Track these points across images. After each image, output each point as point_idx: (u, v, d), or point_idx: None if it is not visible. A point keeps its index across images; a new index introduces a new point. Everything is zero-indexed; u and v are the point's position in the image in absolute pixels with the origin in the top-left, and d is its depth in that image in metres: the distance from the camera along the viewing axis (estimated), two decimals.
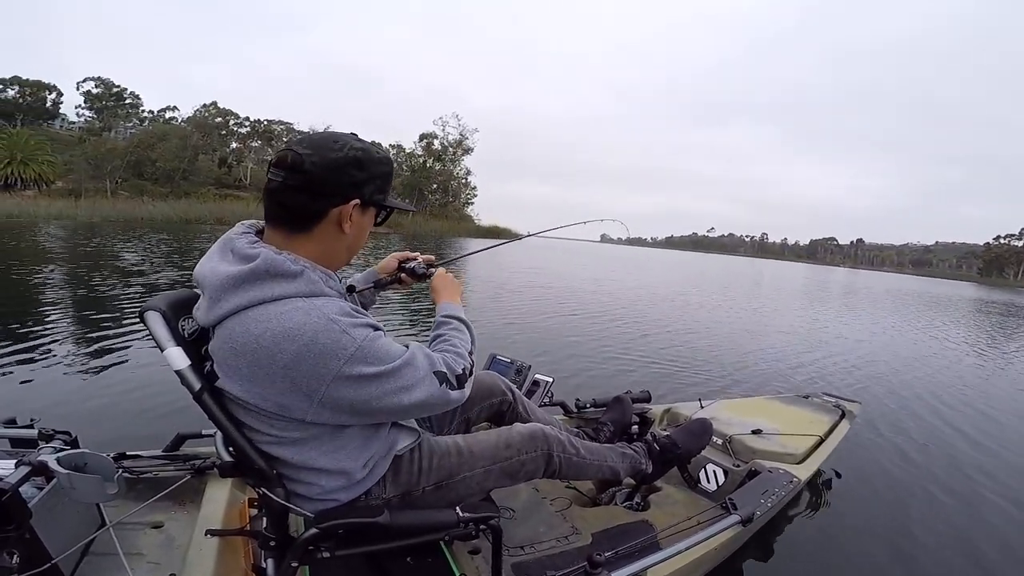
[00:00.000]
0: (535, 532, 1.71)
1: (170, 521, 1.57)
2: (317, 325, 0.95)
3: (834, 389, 4.23)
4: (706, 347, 6.52)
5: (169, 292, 1.18)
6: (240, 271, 0.99)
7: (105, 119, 52.75)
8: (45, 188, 36.25)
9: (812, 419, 2.69)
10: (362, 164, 1.04)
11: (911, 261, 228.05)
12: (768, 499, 1.86)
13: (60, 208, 28.96)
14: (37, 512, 1.17)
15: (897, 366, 6.58)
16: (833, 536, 2.41)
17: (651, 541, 1.62)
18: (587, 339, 6.24)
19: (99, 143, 44.11)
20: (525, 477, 1.45)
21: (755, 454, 2.23)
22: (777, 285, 24.19)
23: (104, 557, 1.37)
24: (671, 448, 1.86)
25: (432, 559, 1.37)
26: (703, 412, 2.58)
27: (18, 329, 4.50)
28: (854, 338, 8.72)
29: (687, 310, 10.30)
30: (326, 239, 1.06)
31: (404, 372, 1.03)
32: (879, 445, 3.62)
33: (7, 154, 35.24)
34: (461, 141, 58.76)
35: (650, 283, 16.54)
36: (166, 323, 1.11)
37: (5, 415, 1.55)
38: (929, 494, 2.98)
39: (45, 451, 1.28)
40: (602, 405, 2.47)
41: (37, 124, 51.79)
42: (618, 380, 4.56)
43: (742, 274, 30.69)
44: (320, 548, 1.09)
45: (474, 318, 7.35)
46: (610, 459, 1.67)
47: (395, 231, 42.48)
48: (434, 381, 1.07)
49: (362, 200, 1.05)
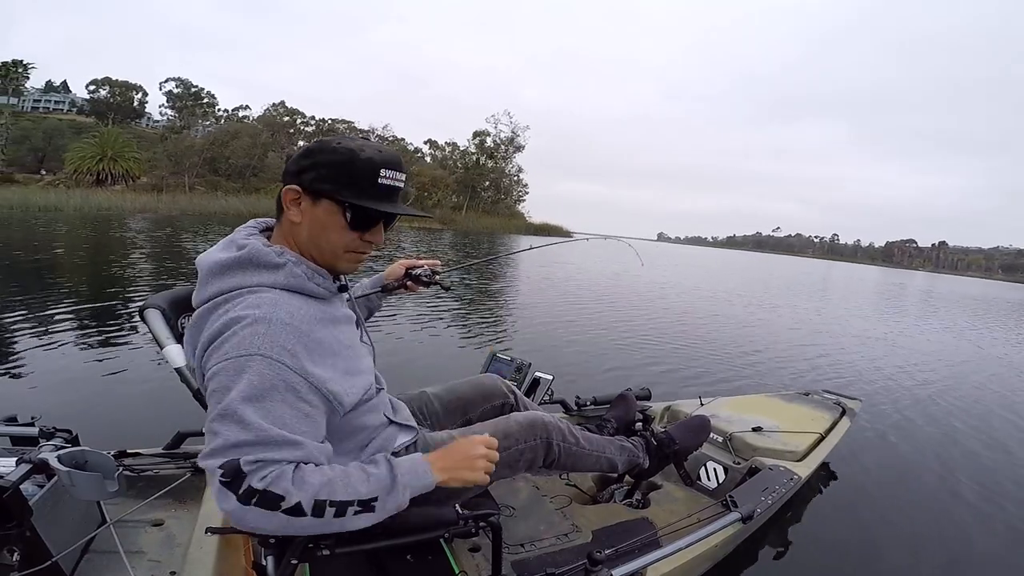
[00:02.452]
0: (535, 530, 1.71)
1: (170, 519, 1.58)
2: (260, 312, 0.94)
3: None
4: (729, 345, 6.52)
5: (169, 290, 1.19)
6: (227, 258, 1.02)
7: (184, 118, 55.34)
8: (132, 183, 38.66)
9: (812, 416, 2.68)
10: (309, 153, 1.03)
11: (1001, 266, 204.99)
12: (768, 496, 1.86)
13: (144, 202, 31.15)
14: (38, 510, 1.18)
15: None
16: (833, 533, 2.42)
17: (651, 539, 1.62)
18: (587, 336, 6.24)
19: (178, 140, 46.71)
20: (524, 467, 1.43)
21: (755, 451, 2.23)
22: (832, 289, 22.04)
23: (105, 555, 1.37)
24: (668, 444, 1.86)
25: (432, 557, 1.37)
26: (703, 409, 2.58)
27: (20, 325, 4.51)
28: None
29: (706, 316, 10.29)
30: (285, 226, 1.07)
31: (227, 422, 0.87)
32: (880, 442, 3.62)
33: (99, 151, 37.56)
34: (513, 138, 58.09)
35: (668, 279, 16.34)
36: (166, 321, 1.12)
37: (6, 413, 1.55)
38: (930, 492, 2.98)
39: (46, 449, 1.28)
40: (602, 403, 2.47)
41: (125, 123, 55.91)
42: (618, 377, 4.55)
43: (791, 278, 27.20)
44: (320, 545, 1.09)
45: (488, 311, 7.29)
46: (608, 451, 1.67)
47: (448, 227, 42.86)
48: (222, 460, 0.85)
49: (303, 187, 1.03)
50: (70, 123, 52.96)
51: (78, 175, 36.59)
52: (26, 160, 43.93)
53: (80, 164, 36.89)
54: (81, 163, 36.96)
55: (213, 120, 57.75)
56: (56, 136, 45.84)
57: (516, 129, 58.09)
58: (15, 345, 4.02)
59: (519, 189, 62.22)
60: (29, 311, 5.10)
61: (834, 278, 33.01)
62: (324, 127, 56.71)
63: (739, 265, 33.17)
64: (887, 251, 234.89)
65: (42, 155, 44.86)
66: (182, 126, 54.26)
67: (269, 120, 53.84)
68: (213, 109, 58.48)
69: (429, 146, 62.33)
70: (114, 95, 56.49)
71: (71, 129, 48.47)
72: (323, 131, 56.30)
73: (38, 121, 51.41)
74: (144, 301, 1.14)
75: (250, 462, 0.85)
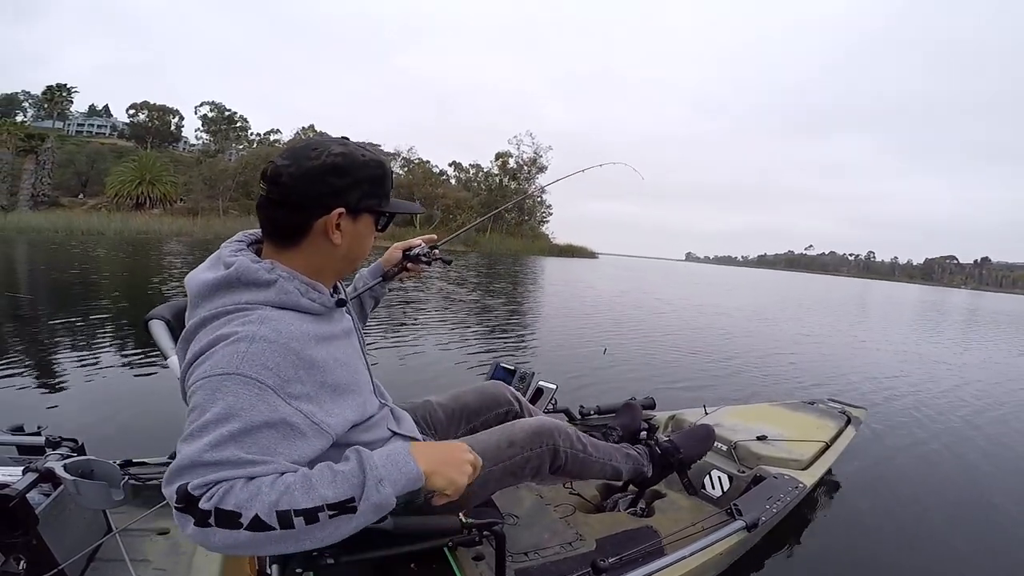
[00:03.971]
0: (539, 538, 1.71)
1: (176, 528, 1.58)
2: (249, 331, 0.89)
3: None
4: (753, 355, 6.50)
5: (173, 301, 1.20)
6: (215, 278, 0.97)
7: (219, 141, 57.47)
8: (169, 207, 40.09)
9: (817, 425, 2.67)
10: (343, 170, 0.98)
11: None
12: (773, 505, 1.86)
13: (180, 225, 32.28)
14: (44, 518, 1.18)
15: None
16: (838, 543, 2.40)
17: (655, 547, 1.62)
18: (590, 346, 6.24)
19: (212, 164, 48.43)
20: (530, 474, 1.40)
21: (760, 460, 2.22)
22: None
23: (110, 563, 1.38)
24: (672, 452, 1.85)
25: (436, 565, 1.37)
26: (708, 418, 2.57)
27: (31, 338, 4.54)
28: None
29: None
30: (317, 252, 1.01)
31: (193, 446, 0.81)
32: (886, 451, 3.60)
33: (138, 175, 39.06)
34: (535, 159, 58.40)
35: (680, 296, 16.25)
36: (170, 332, 1.13)
37: (13, 422, 1.57)
38: (936, 501, 2.95)
39: (52, 458, 1.30)
40: (606, 412, 2.47)
41: (163, 146, 59.63)
42: (622, 387, 4.54)
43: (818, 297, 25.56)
44: (324, 554, 1.10)
45: (493, 323, 7.31)
46: (615, 458, 1.66)
47: (472, 249, 43.01)
48: (176, 484, 0.80)
49: (348, 208, 0.99)
50: (111, 147, 54.95)
51: (118, 199, 38.25)
52: (71, 184, 45.64)
53: (120, 188, 38.56)
54: (121, 187, 38.57)
55: (246, 143, 59.44)
56: (99, 160, 47.94)
57: (539, 150, 58.44)
58: (24, 356, 4.04)
59: (543, 210, 62.48)
60: (39, 324, 5.14)
61: (864, 297, 31.46)
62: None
63: (763, 287, 31.99)
64: (926, 268, 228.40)
65: (85, 179, 46.99)
66: (216, 150, 55.82)
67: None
68: (246, 133, 60.69)
69: (454, 168, 63.08)
70: (152, 119, 59.30)
71: (112, 153, 50.42)
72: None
73: (82, 145, 53.60)
74: (149, 312, 1.15)
75: (197, 485, 0.78)
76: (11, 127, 39.05)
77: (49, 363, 3.94)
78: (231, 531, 0.78)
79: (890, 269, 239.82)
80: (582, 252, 59.34)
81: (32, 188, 37.75)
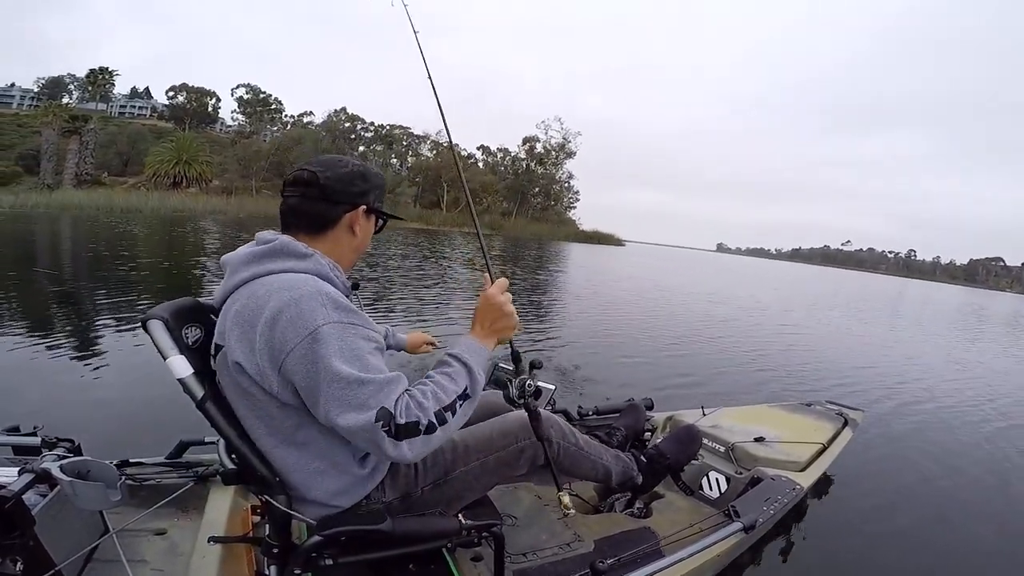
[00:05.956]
0: (537, 539, 1.71)
1: (173, 528, 1.58)
2: (306, 291, 1.04)
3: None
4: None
5: (171, 301, 1.19)
6: (259, 249, 1.14)
7: (254, 123, 58.99)
8: (205, 186, 41.23)
9: (815, 427, 2.68)
10: (365, 177, 1.21)
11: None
12: (771, 507, 1.86)
13: (215, 204, 33.97)
14: (40, 519, 1.18)
15: None
16: (835, 544, 2.41)
17: (653, 548, 1.62)
18: (589, 346, 6.23)
19: (247, 145, 49.99)
20: (525, 465, 1.43)
21: (757, 461, 2.22)
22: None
23: (108, 564, 1.37)
24: (659, 459, 1.86)
25: (435, 566, 1.37)
26: (705, 419, 2.58)
27: (26, 335, 4.51)
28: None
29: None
30: (339, 241, 1.21)
31: (355, 388, 0.99)
32: (883, 453, 3.61)
33: (175, 155, 40.00)
34: (564, 145, 58.18)
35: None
36: (168, 332, 1.12)
37: (8, 422, 1.56)
38: (932, 503, 2.97)
39: (48, 459, 1.29)
40: (605, 413, 2.47)
41: (201, 128, 60.88)
42: (621, 387, 4.54)
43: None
44: (323, 555, 1.10)
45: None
46: (605, 458, 1.67)
47: (497, 233, 43.37)
48: (373, 414, 0.98)
49: (367, 207, 1.22)
50: (151, 128, 57.08)
51: (156, 178, 39.23)
52: (112, 163, 47.44)
53: (158, 167, 39.52)
54: (159, 167, 39.55)
55: (280, 125, 60.76)
56: (139, 140, 50.25)
57: (567, 135, 58.17)
58: (19, 355, 4.03)
59: (569, 196, 62.46)
60: (33, 321, 5.12)
61: (900, 295, 30.38)
62: (382, 132, 59.50)
63: (789, 281, 31.05)
64: (970, 269, 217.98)
65: (127, 158, 48.41)
66: (251, 131, 57.15)
67: (331, 126, 56.90)
68: (280, 115, 61.87)
69: (482, 151, 63.05)
70: (190, 101, 60.74)
71: (152, 133, 52.58)
72: (381, 136, 59.48)
73: (124, 126, 55.78)
74: (146, 312, 1.15)
75: (392, 404, 0.99)
76: (56, 109, 39.98)
77: (49, 356, 3.92)
78: (414, 440, 1.01)
79: (931, 268, 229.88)
80: (609, 239, 59.08)
81: (76, 167, 38.70)
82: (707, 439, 2.32)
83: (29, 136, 44.83)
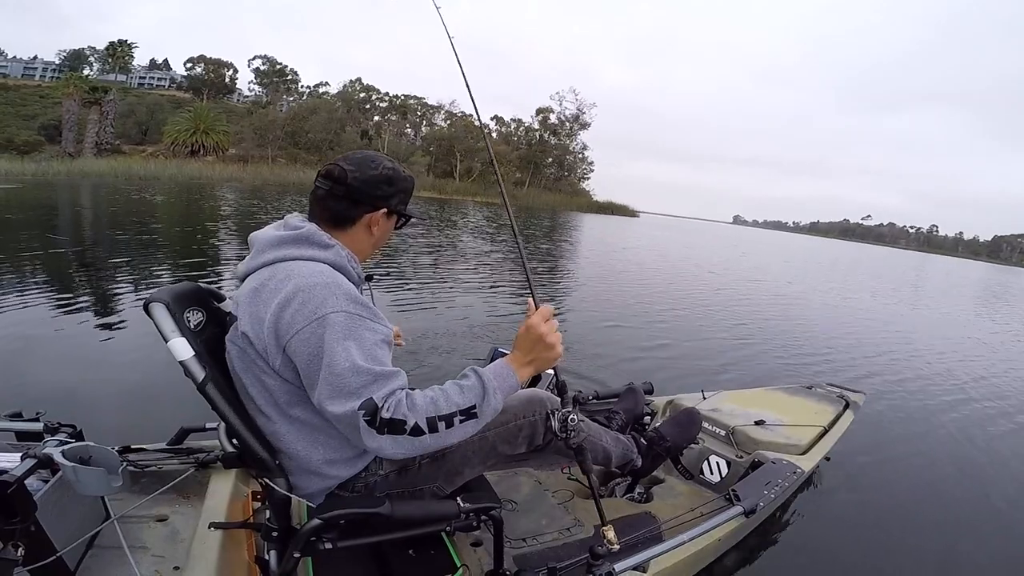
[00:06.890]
0: (537, 524, 1.71)
1: (174, 514, 1.58)
2: (322, 280, 1.09)
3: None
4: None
5: (173, 285, 1.21)
6: (287, 234, 1.19)
7: (270, 93, 60.52)
8: (221, 155, 41.86)
9: (816, 410, 2.68)
10: (392, 181, 1.25)
11: None
12: (771, 490, 1.86)
13: (231, 172, 34.69)
14: (42, 505, 1.18)
15: None
16: (836, 527, 2.42)
17: (654, 532, 1.62)
18: (590, 329, 6.22)
19: (262, 115, 50.84)
20: (524, 443, 1.43)
21: (758, 445, 2.22)
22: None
23: (109, 550, 1.38)
24: (659, 441, 1.86)
25: (434, 550, 1.38)
26: (706, 403, 2.57)
27: (27, 317, 4.52)
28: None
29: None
30: (356, 239, 1.26)
31: (348, 376, 1.02)
32: (884, 435, 3.61)
33: (193, 125, 40.58)
34: (578, 116, 57.06)
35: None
36: (171, 315, 1.13)
37: (11, 408, 1.56)
38: (934, 485, 2.97)
39: (50, 444, 1.29)
40: (605, 397, 2.47)
41: (218, 98, 62.13)
42: (622, 371, 4.53)
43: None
44: (322, 539, 1.10)
45: (491, 303, 7.27)
46: (605, 440, 1.68)
47: (510, 203, 42.90)
48: (358, 403, 1.01)
49: (388, 209, 1.27)
50: (170, 98, 57.86)
51: (175, 147, 39.91)
52: (131, 133, 48.39)
53: (176, 137, 40.24)
54: (177, 136, 40.21)
55: (296, 96, 61.88)
56: (158, 111, 51.08)
57: (582, 106, 56.99)
58: (21, 338, 4.03)
59: (583, 167, 61.49)
60: (42, 299, 5.12)
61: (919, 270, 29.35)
62: (396, 103, 59.67)
63: (804, 255, 30.68)
64: (993, 246, 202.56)
65: (145, 128, 49.47)
66: (267, 102, 58.27)
67: (346, 96, 57.15)
68: (296, 85, 63.43)
69: (495, 122, 62.49)
70: (208, 72, 62.57)
71: (171, 104, 53.36)
72: (396, 107, 59.75)
73: (142, 96, 57.00)
74: (148, 296, 1.15)
75: (381, 397, 1.01)
76: (77, 80, 40.46)
77: (50, 343, 3.93)
78: (397, 438, 1.02)
79: (953, 244, 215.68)
80: (622, 210, 58.40)
81: (96, 137, 39.49)
82: (707, 423, 2.32)
83: (51, 107, 45.67)
